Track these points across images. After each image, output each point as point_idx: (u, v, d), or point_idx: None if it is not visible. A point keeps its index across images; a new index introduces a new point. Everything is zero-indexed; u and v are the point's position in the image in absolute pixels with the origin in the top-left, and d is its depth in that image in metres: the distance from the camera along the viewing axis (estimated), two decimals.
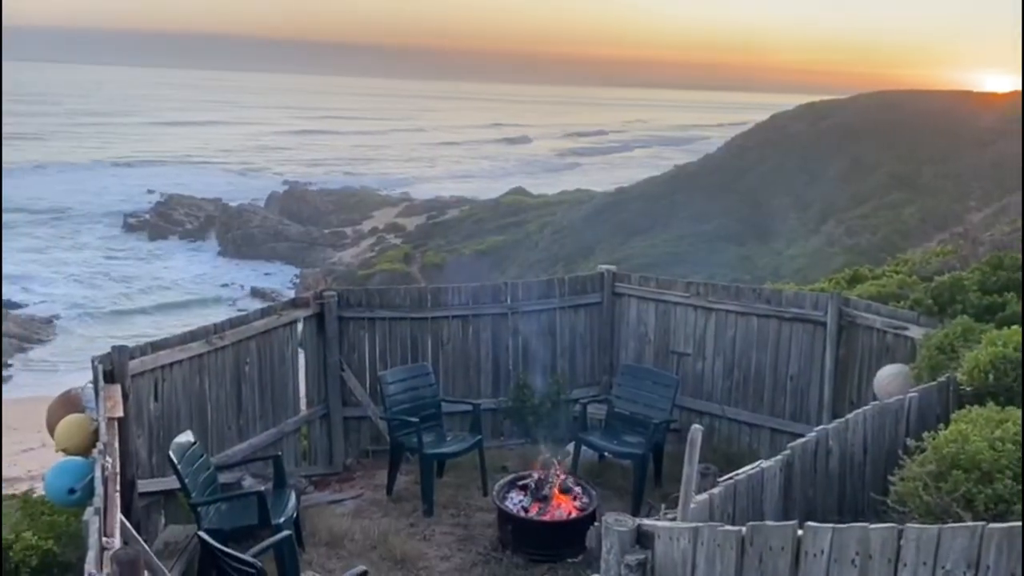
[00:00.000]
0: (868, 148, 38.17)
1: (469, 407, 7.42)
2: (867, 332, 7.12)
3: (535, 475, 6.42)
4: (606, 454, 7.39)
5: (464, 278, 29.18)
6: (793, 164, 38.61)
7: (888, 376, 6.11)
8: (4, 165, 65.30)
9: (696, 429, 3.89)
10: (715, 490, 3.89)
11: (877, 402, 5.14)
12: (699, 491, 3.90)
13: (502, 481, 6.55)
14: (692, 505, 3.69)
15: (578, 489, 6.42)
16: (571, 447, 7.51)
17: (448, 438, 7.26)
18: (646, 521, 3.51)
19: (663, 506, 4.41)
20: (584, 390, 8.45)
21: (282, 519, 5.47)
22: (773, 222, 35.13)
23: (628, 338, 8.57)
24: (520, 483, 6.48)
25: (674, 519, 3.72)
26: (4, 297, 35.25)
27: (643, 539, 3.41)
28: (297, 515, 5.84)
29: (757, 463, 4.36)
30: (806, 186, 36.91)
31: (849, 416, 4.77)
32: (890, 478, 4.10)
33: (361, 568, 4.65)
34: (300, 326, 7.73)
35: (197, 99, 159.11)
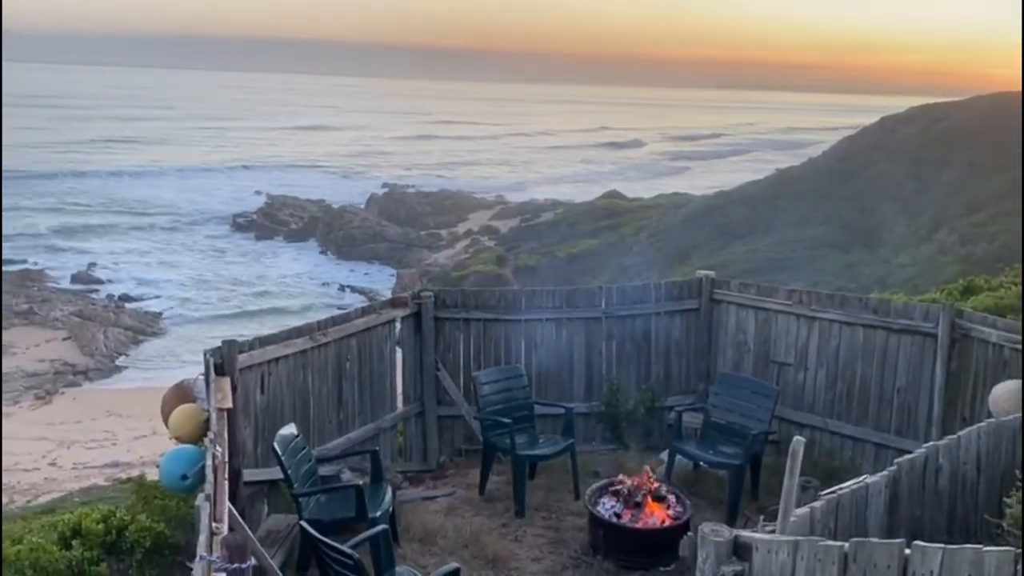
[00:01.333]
0: (985, 152, 36.21)
1: (561, 410, 7.43)
2: (982, 346, 6.77)
3: (628, 481, 6.37)
4: (701, 463, 7.26)
5: (557, 281, 29.21)
6: (903, 169, 36.98)
7: (1005, 393, 5.80)
8: (122, 168, 69.34)
9: (798, 441, 3.79)
10: (817, 504, 3.77)
11: (992, 419, 4.88)
12: (799, 504, 3.79)
13: (594, 486, 6.53)
14: (792, 518, 3.59)
15: (672, 498, 6.34)
16: (665, 455, 7.42)
17: (540, 440, 7.28)
18: (744, 533, 3.44)
19: (761, 518, 4.31)
20: (679, 398, 8.33)
21: (378, 513, 5.60)
22: (881, 229, 33.74)
23: (726, 346, 8.41)
24: (613, 489, 6.44)
25: (773, 532, 3.63)
26: (121, 291, 37.36)
27: (740, 551, 3.34)
28: (393, 510, 5.97)
29: (862, 478, 4.20)
30: (917, 192, 35.30)
31: (961, 433, 4.55)
32: (1006, 500, 3.89)
33: (454, 566, 4.71)
34: (398, 325, 7.90)
35: (307, 103, 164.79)
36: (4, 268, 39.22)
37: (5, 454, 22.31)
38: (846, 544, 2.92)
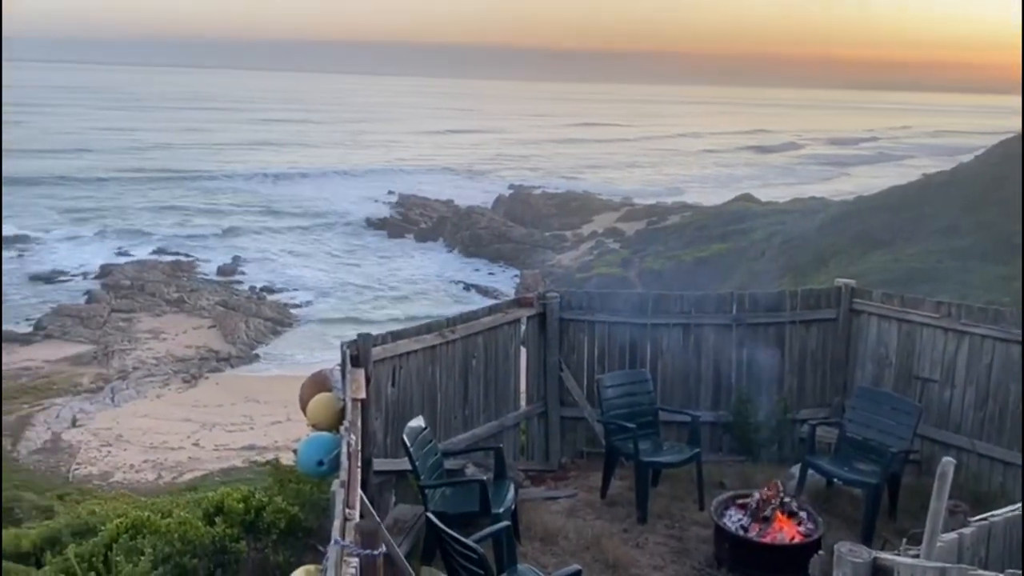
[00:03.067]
0: None
1: (687, 418, 7.28)
2: None
3: (757, 494, 6.17)
4: (835, 480, 6.94)
5: (682, 285, 28.64)
6: None
7: None
8: (265, 168, 73.13)
9: (948, 462, 3.56)
10: (966, 530, 3.54)
11: None
12: (947, 529, 3.56)
13: (721, 497, 6.36)
14: (939, 543, 3.37)
15: (803, 514, 6.09)
16: (796, 469, 7.14)
17: (664, 447, 7.16)
18: (884, 555, 3.26)
19: (903, 541, 4.07)
20: (813, 411, 8.00)
21: (501, 509, 5.66)
22: None
23: (865, 359, 8.00)
24: (740, 501, 6.25)
25: (916, 556, 3.42)
26: (262, 284, 39.40)
27: (879, 573, 3.17)
28: (515, 507, 6.02)
29: (1016, 505, 3.90)
30: None
31: None
32: None
33: (576, 567, 4.70)
34: (523, 325, 7.96)
35: (446, 106, 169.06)
36: (160, 258, 42.21)
37: (156, 432, 24.03)
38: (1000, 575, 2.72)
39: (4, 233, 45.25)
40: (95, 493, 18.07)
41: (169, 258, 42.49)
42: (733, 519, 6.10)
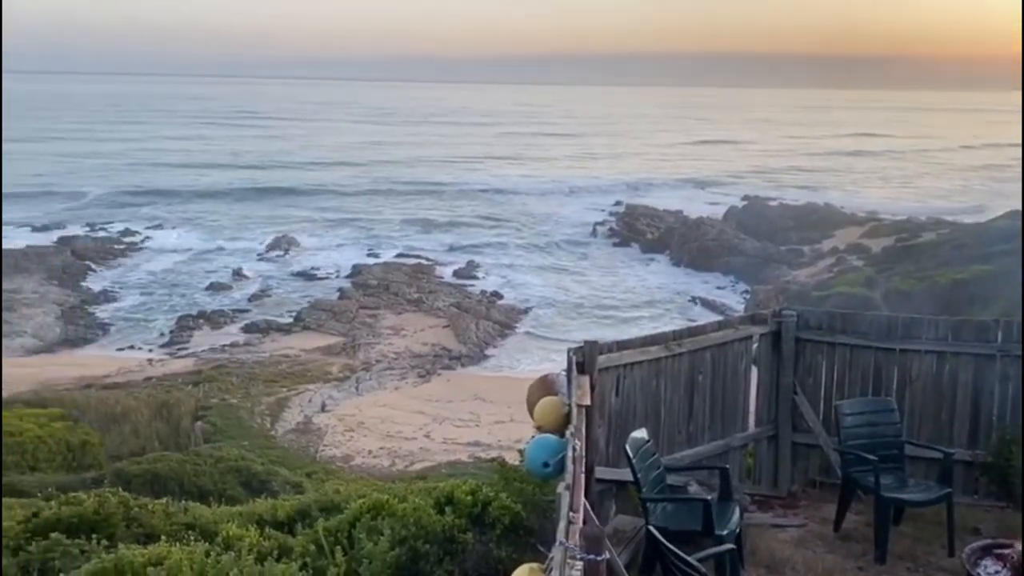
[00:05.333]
0: None
1: (938, 455, 6.64)
2: None
3: (1019, 546, 5.49)
4: None
5: (935, 309, 26.19)
6: None
7: None
8: (502, 180, 76.13)
9: None
10: None
11: None
12: None
13: (975, 545, 5.72)
14: None
15: None
16: None
17: (910, 484, 6.58)
18: None
19: None
20: None
21: (725, 531, 5.48)
22: None
23: None
24: (999, 551, 5.59)
25: None
26: (493, 288, 41.03)
27: None
28: (740, 531, 5.80)
29: None
30: None
31: None
32: None
33: None
34: (755, 342, 7.66)
35: (677, 116, 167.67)
36: (403, 261, 45.31)
37: (393, 422, 25.76)
38: None
39: (271, 236, 50.84)
40: (338, 474, 19.72)
41: (411, 261, 45.49)
42: (989, 570, 5.47)
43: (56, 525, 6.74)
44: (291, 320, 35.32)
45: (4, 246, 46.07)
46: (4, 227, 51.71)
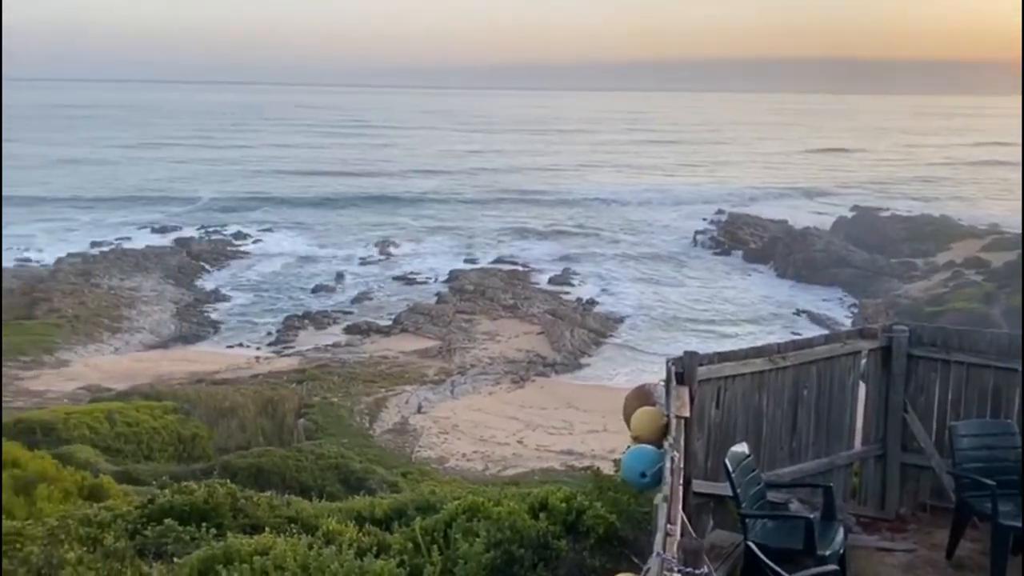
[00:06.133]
0: None
1: None
2: None
3: None
4: None
5: None
6: None
7: None
8: (600, 188, 75.85)
9: None
10: None
11: None
12: None
13: None
14: None
15: None
16: None
17: None
18: None
19: None
20: None
21: (828, 552, 5.29)
22: None
23: None
24: None
25: None
26: (588, 296, 40.86)
27: None
28: (843, 553, 5.59)
29: None
30: None
31: None
32: None
33: None
34: (864, 358, 7.37)
35: (786, 123, 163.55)
36: (500, 267, 45.73)
37: (486, 426, 25.99)
38: None
39: (374, 241, 52.20)
40: (432, 475, 20.04)
41: (507, 267, 45.85)
42: None
43: (169, 512, 7.10)
44: (390, 322, 36.15)
45: (125, 246, 48.96)
46: (126, 228, 55.01)
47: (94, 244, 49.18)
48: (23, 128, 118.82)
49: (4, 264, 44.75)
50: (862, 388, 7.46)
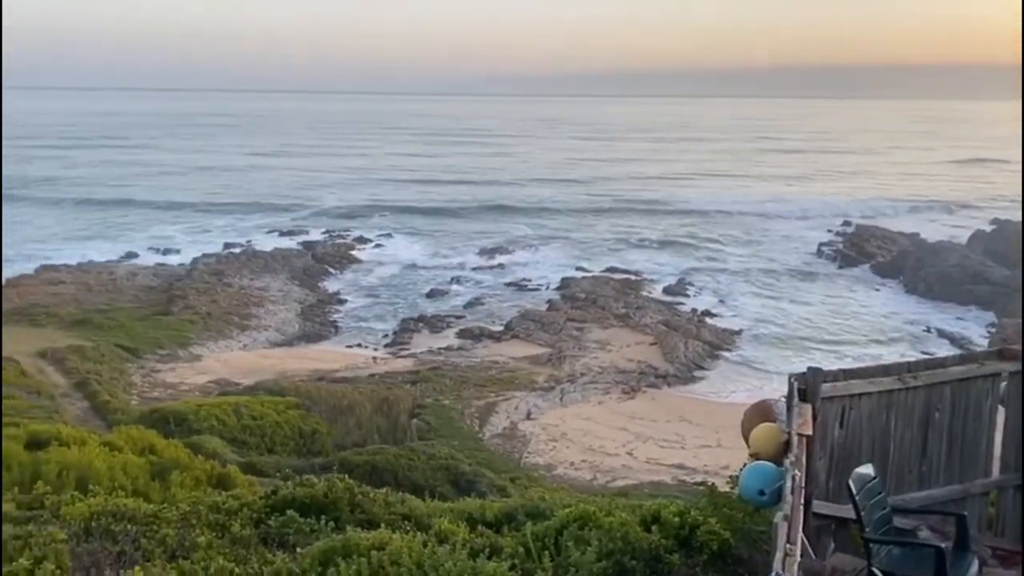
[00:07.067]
0: None
1: None
2: None
3: None
4: None
5: None
6: None
7: None
8: (719, 196, 74.26)
9: None
10: None
11: None
12: None
13: None
14: None
15: None
16: None
17: None
18: None
19: None
20: None
21: None
22: None
23: None
24: None
25: None
26: (703, 307, 40.00)
27: None
28: None
29: None
30: None
31: None
32: None
33: None
34: (1003, 381, 6.92)
35: (916, 131, 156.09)
36: (612, 276, 45.42)
37: (595, 436, 25.85)
38: None
39: (488, 248, 52.92)
40: (540, 482, 20.10)
41: (620, 276, 45.49)
42: None
43: (291, 503, 7.41)
44: (502, 328, 36.50)
45: (256, 247, 51.48)
46: (256, 231, 57.87)
47: (227, 245, 51.96)
48: (167, 136, 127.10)
49: (145, 263, 48.03)
50: (1001, 412, 7.01)
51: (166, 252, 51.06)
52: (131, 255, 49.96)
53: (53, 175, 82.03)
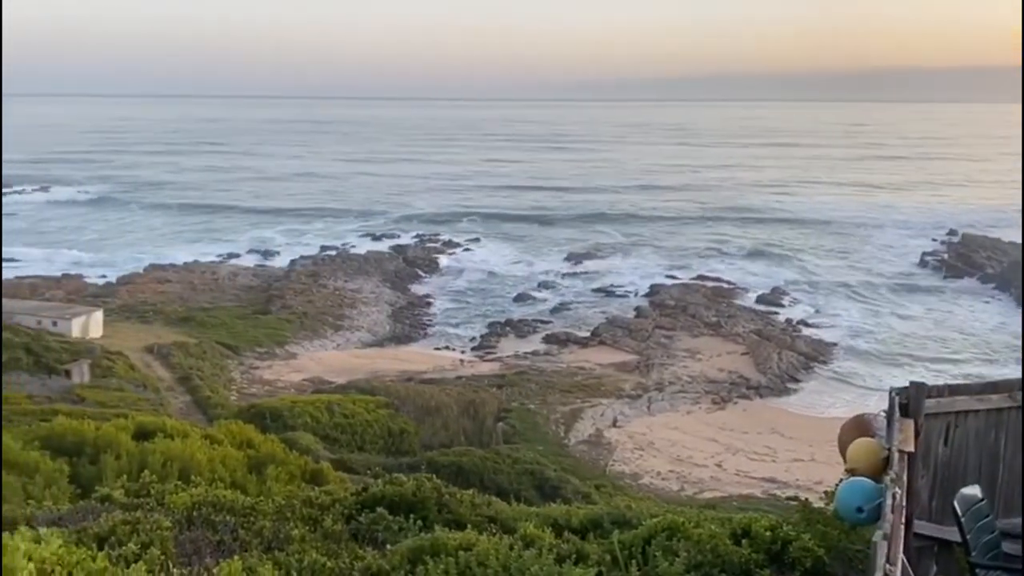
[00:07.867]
0: None
1: None
2: None
3: None
4: None
5: None
6: None
7: None
8: (816, 204, 72.04)
9: None
10: None
11: None
12: None
13: None
14: None
15: None
16: None
17: None
18: None
19: None
20: None
21: None
22: None
23: None
24: None
25: None
26: (799, 317, 38.86)
27: None
28: None
29: None
30: None
31: None
32: None
33: None
34: None
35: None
36: (703, 283, 44.66)
37: (683, 446, 25.46)
38: None
39: (576, 253, 52.78)
40: (625, 490, 19.93)
41: (711, 284, 44.68)
42: None
43: (381, 501, 7.55)
44: (588, 334, 36.36)
45: (350, 251, 52.82)
46: (351, 236, 59.36)
47: (323, 248, 53.50)
48: (265, 143, 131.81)
49: (246, 263, 49.89)
50: None
51: (266, 254, 52.94)
52: (232, 255, 52.01)
53: (160, 179, 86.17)
